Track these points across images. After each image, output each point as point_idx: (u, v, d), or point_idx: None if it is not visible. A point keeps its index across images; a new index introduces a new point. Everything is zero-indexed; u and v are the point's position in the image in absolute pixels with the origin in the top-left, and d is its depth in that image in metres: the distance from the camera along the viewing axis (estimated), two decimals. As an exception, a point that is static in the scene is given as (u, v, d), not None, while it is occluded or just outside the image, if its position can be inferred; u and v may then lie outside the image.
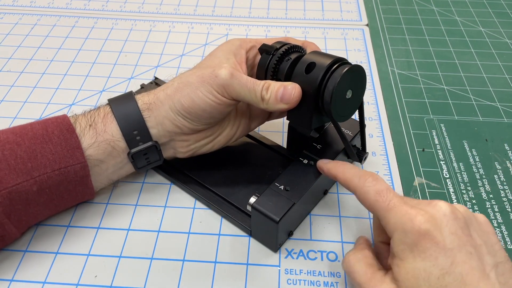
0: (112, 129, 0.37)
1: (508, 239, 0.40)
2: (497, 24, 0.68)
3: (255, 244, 0.39)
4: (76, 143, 0.36)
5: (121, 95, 0.40)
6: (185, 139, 0.39)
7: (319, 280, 0.37)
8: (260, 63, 0.39)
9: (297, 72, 0.36)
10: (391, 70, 0.59)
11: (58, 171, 0.35)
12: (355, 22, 0.68)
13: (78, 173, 0.36)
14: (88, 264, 0.37)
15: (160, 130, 0.38)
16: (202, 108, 0.37)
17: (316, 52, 0.38)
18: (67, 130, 0.36)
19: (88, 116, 0.38)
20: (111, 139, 0.37)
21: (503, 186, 0.44)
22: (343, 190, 0.43)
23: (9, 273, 0.36)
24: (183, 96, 0.37)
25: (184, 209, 0.41)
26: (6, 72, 0.57)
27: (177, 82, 0.38)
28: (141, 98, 0.38)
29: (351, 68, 0.35)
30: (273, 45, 0.39)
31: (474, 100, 0.55)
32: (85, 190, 0.38)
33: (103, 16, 0.68)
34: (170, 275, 0.37)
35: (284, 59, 0.38)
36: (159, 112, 0.38)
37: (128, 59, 0.60)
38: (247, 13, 0.69)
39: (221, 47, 0.40)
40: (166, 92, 0.38)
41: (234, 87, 0.36)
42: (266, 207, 0.35)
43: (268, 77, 0.39)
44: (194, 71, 0.38)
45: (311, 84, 0.35)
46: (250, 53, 0.41)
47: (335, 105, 0.35)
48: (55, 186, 0.35)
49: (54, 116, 0.38)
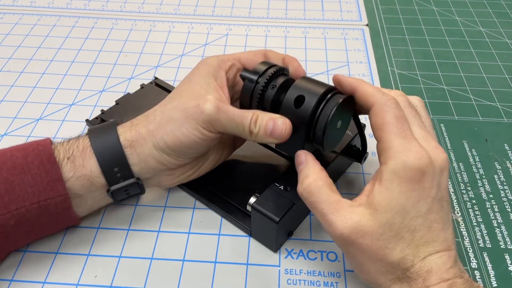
0: (91, 164, 0.35)
1: (508, 239, 0.40)
2: (497, 24, 0.68)
3: (255, 244, 0.39)
4: (57, 174, 0.34)
5: (102, 125, 0.37)
6: (170, 174, 0.38)
7: (319, 280, 0.37)
8: (244, 91, 0.37)
9: (286, 105, 0.35)
10: (391, 70, 0.59)
11: (37, 204, 0.33)
12: (355, 22, 0.68)
13: (59, 206, 0.34)
14: (88, 264, 0.37)
15: (143, 167, 0.36)
16: (188, 145, 0.35)
17: (302, 80, 0.36)
18: (48, 161, 0.34)
19: (67, 147, 0.35)
20: (89, 174, 0.35)
21: (503, 186, 0.44)
22: (343, 190, 0.43)
23: (9, 273, 0.36)
24: (166, 134, 0.35)
25: (184, 209, 0.41)
26: (6, 72, 0.57)
27: (159, 117, 0.36)
28: (123, 134, 0.36)
29: (341, 104, 0.34)
30: (256, 70, 0.37)
31: (474, 100, 0.55)
32: (68, 220, 0.37)
33: (103, 16, 0.68)
34: (170, 275, 0.37)
35: (268, 86, 0.36)
36: (142, 149, 0.36)
37: (128, 59, 0.60)
38: (247, 13, 0.69)
39: (199, 70, 0.37)
40: (148, 128, 0.36)
41: (221, 122, 0.35)
42: (266, 207, 0.35)
43: (253, 106, 0.37)
44: (175, 104, 0.36)
45: (302, 119, 0.34)
46: (229, 73, 0.39)
47: (327, 137, 0.34)
48: (34, 218, 0.34)
49: (36, 142, 0.36)
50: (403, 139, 0.31)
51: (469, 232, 0.40)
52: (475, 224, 0.41)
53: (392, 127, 0.31)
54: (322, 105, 0.34)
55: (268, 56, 0.40)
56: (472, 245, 0.39)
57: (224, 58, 0.39)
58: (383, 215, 0.30)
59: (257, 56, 0.40)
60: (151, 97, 0.50)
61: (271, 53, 0.40)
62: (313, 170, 0.34)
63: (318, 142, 0.35)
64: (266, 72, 0.36)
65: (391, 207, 0.30)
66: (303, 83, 0.35)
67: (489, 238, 0.40)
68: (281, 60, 0.40)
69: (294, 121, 0.35)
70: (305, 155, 0.35)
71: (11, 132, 0.49)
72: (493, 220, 0.41)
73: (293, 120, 0.34)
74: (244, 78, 0.37)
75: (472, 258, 0.38)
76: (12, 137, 0.48)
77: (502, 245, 0.39)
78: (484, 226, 0.41)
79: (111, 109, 0.49)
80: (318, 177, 0.33)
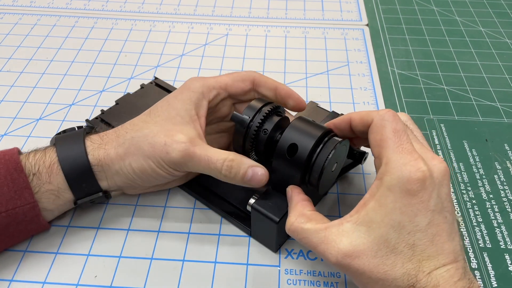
0: (58, 180, 0.35)
1: (508, 239, 0.40)
2: (497, 24, 0.68)
3: (255, 244, 0.39)
4: (24, 182, 0.34)
5: (70, 136, 0.37)
6: (136, 188, 0.39)
7: (319, 280, 0.37)
8: (236, 135, 0.37)
9: (279, 153, 0.35)
10: (391, 70, 0.59)
11: (5, 213, 0.33)
12: (355, 22, 0.68)
13: (27, 214, 0.34)
14: (88, 264, 0.37)
15: (110, 183, 0.37)
16: (154, 176, 0.36)
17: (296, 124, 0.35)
18: (15, 169, 0.34)
19: (32, 162, 0.35)
20: (56, 189, 0.35)
21: (503, 186, 0.44)
22: (343, 190, 0.43)
23: (9, 273, 0.36)
24: (134, 161, 0.35)
25: (184, 209, 0.41)
26: (6, 72, 0.57)
27: (128, 143, 0.35)
28: (91, 151, 0.36)
29: (336, 151, 0.34)
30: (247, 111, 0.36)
31: (474, 100, 0.55)
32: (38, 226, 0.36)
33: (103, 16, 0.68)
34: (170, 275, 0.37)
35: (260, 131, 0.36)
36: (110, 170, 0.36)
37: (128, 59, 0.60)
38: (247, 13, 0.69)
39: (182, 95, 0.37)
40: (117, 151, 0.36)
41: (187, 166, 0.35)
42: (266, 208, 0.35)
43: (247, 148, 0.37)
44: (146, 132, 0.35)
45: (296, 167, 0.34)
46: (212, 102, 0.38)
47: (322, 182, 0.34)
48: (3, 228, 0.34)
49: (2, 152, 0.35)
50: (400, 153, 0.30)
51: (469, 232, 0.40)
52: (475, 224, 0.41)
53: (390, 143, 0.31)
54: (316, 153, 0.34)
55: (257, 82, 0.39)
56: (472, 245, 0.39)
57: (209, 85, 0.37)
58: (376, 231, 0.29)
59: (245, 83, 0.39)
60: (151, 97, 0.50)
61: (260, 77, 0.39)
62: (294, 209, 0.33)
63: (312, 185, 0.35)
64: (258, 114, 0.36)
65: (385, 223, 0.29)
66: (295, 129, 0.35)
67: (489, 238, 0.40)
68: (273, 89, 0.39)
69: (288, 167, 0.35)
70: (290, 191, 0.35)
71: (11, 132, 0.49)
72: (493, 220, 0.41)
73: (288, 166, 0.35)
74: (236, 121, 0.36)
75: (472, 258, 0.38)
76: (12, 137, 0.48)
77: (502, 245, 0.39)
78: (484, 226, 0.41)
79: (111, 109, 0.49)
80: (299, 215, 0.33)
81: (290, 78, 0.57)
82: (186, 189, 0.42)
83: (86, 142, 0.36)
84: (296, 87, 0.55)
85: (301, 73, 0.58)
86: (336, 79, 0.57)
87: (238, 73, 0.39)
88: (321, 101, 0.52)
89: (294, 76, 0.57)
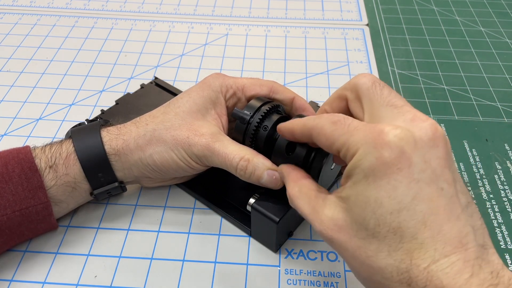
0: (75, 171, 0.35)
1: (508, 239, 0.40)
2: (497, 24, 0.68)
3: (255, 244, 0.39)
4: (38, 182, 0.34)
5: (86, 128, 0.37)
6: (152, 180, 0.39)
7: (319, 280, 0.36)
8: (236, 131, 0.37)
9: (278, 151, 0.35)
10: (391, 70, 0.59)
11: (19, 212, 0.34)
12: (355, 22, 0.68)
13: (40, 213, 0.35)
14: (88, 264, 0.37)
15: (127, 174, 0.37)
16: (175, 168, 0.36)
17: None
18: (29, 169, 0.34)
19: (49, 155, 0.35)
20: (73, 181, 0.35)
21: (503, 186, 0.44)
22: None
23: (9, 273, 0.36)
24: (156, 153, 0.36)
25: (184, 209, 0.41)
26: (6, 72, 0.57)
27: (150, 134, 0.36)
28: (108, 142, 0.36)
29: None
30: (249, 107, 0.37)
31: (474, 100, 0.54)
32: (48, 226, 0.37)
33: (103, 16, 0.68)
34: (170, 275, 0.37)
35: (260, 127, 0.36)
36: (127, 159, 0.36)
37: (128, 59, 0.60)
38: (247, 13, 0.69)
39: (201, 92, 0.37)
40: (137, 142, 0.36)
41: (208, 159, 0.35)
42: (266, 208, 0.35)
43: (246, 144, 0.37)
44: (168, 124, 0.36)
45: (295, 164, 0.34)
46: (229, 101, 0.38)
47: (320, 180, 0.34)
48: (16, 226, 0.34)
49: (16, 149, 0.35)
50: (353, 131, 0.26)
51: (469, 232, 0.40)
52: (475, 224, 0.41)
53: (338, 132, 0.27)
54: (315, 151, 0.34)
55: (275, 89, 0.39)
56: (472, 245, 0.39)
57: (227, 84, 0.38)
58: (353, 210, 0.25)
59: (262, 88, 0.39)
60: (151, 97, 0.50)
61: (279, 86, 0.39)
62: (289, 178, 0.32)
63: None
64: (258, 111, 0.36)
65: (359, 201, 0.25)
66: None
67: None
68: (290, 98, 0.39)
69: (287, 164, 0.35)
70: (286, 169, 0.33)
71: (11, 132, 0.49)
72: (493, 220, 0.41)
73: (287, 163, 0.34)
74: (236, 117, 0.37)
75: (472, 258, 0.38)
76: (12, 137, 0.48)
77: (502, 245, 0.39)
78: (484, 226, 0.41)
79: (111, 109, 0.49)
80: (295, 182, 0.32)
81: (290, 78, 0.57)
82: (186, 189, 0.42)
83: (102, 132, 0.37)
84: (296, 87, 0.55)
85: (301, 73, 0.58)
86: (336, 79, 0.57)
87: (258, 79, 0.40)
88: (321, 101, 0.52)
89: (294, 76, 0.57)
